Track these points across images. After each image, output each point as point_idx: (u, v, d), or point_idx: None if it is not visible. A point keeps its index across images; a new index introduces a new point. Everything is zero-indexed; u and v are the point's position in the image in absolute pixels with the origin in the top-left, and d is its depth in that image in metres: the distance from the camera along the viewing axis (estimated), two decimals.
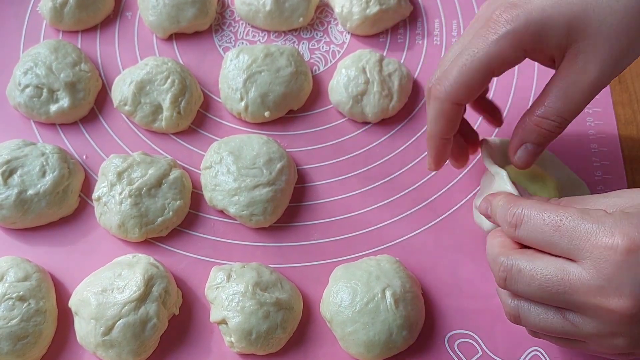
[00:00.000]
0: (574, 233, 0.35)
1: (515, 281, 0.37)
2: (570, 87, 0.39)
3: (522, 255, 0.37)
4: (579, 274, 0.35)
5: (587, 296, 0.34)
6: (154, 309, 0.46)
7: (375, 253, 0.52)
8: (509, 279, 0.37)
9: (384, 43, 0.63)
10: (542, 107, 0.41)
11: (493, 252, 0.39)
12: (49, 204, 0.51)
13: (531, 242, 0.37)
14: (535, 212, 0.37)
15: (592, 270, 0.34)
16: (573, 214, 0.36)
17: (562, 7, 0.38)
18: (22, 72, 0.56)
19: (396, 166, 0.56)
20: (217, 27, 0.64)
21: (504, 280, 0.38)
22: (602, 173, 0.55)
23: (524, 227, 0.37)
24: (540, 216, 0.37)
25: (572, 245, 0.35)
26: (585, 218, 0.35)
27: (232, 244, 0.53)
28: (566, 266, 0.35)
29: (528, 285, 0.36)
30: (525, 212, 0.37)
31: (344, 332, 0.46)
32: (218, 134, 0.58)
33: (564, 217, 0.36)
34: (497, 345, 0.48)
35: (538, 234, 0.37)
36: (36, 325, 0.46)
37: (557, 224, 0.36)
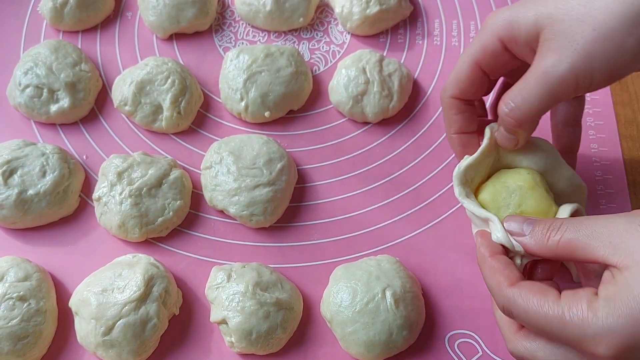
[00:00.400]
0: (580, 342, 0.34)
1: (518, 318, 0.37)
2: (528, 73, 0.40)
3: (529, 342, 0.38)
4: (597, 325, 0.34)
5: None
6: (154, 309, 0.46)
7: (375, 253, 0.52)
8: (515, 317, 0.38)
9: (384, 43, 0.63)
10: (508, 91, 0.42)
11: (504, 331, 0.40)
12: (49, 204, 0.51)
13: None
14: (521, 313, 0.36)
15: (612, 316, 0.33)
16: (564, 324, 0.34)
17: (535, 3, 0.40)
18: (23, 72, 0.56)
19: (396, 166, 0.56)
20: (217, 27, 0.64)
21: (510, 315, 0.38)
22: (602, 173, 0.55)
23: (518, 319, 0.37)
24: (526, 318, 0.36)
25: (568, 344, 0.35)
26: (572, 327, 0.34)
27: (232, 244, 0.53)
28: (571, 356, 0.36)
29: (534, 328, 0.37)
30: (513, 311, 0.37)
31: (344, 332, 0.46)
32: (218, 134, 0.58)
33: (553, 328, 0.35)
34: (497, 345, 0.48)
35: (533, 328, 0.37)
36: (36, 325, 0.46)
37: (549, 333, 0.35)
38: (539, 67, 0.39)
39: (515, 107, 0.40)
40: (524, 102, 0.40)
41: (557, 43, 0.38)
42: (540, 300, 0.35)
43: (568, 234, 0.37)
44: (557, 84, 0.39)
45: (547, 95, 0.39)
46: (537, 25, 0.39)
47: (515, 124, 0.41)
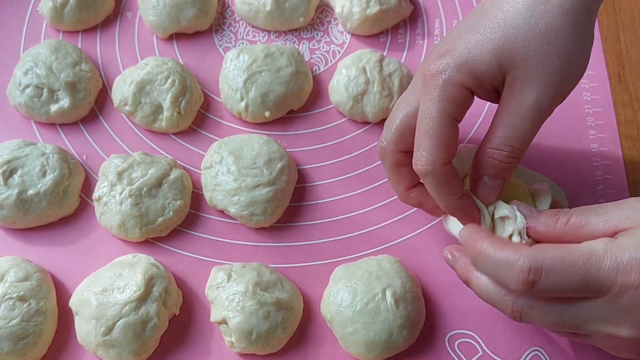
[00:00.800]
0: (598, 277, 0.35)
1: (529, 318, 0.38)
2: (512, 114, 0.40)
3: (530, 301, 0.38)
4: (589, 307, 0.36)
5: (598, 327, 0.36)
6: (155, 309, 0.46)
7: (375, 253, 0.52)
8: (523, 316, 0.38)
9: (384, 43, 0.63)
10: (492, 138, 0.41)
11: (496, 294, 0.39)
12: (49, 204, 0.51)
13: (554, 294, 0.36)
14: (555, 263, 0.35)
15: (606, 305, 0.35)
16: (594, 257, 0.35)
17: (484, 44, 0.40)
18: (23, 72, 0.56)
19: None
20: (217, 27, 0.64)
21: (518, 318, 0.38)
22: (602, 173, 0.55)
23: (544, 282, 0.35)
24: (562, 269, 0.35)
25: (596, 287, 0.35)
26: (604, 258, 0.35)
27: (233, 244, 0.53)
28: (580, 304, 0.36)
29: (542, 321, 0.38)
30: (543, 266, 0.35)
31: (344, 332, 0.46)
32: (218, 134, 0.58)
33: (587, 262, 0.35)
34: (498, 345, 0.48)
35: (562, 285, 0.35)
36: (36, 325, 0.46)
37: (584, 273, 0.35)
38: (523, 105, 0.39)
39: (514, 149, 0.40)
40: (520, 142, 0.40)
41: (532, 80, 0.39)
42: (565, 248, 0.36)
43: (576, 216, 0.38)
44: (545, 115, 0.40)
45: (537, 128, 0.40)
46: (501, 68, 0.40)
47: (515, 164, 0.41)
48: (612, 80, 0.60)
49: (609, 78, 0.60)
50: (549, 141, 0.56)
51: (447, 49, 0.40)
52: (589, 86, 0.59)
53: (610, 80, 0.60)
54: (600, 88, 0.59)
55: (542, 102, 0.39)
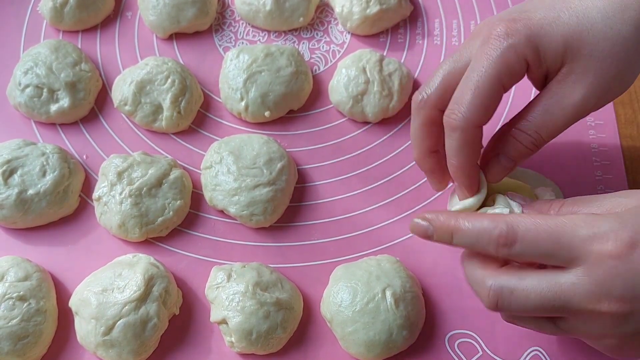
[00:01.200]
0: (572, 243, 0.35)
1: (508, 303, 0.37)
2: (555, 104, 0.40)
3: (510, 275, 0.37)
4: (571, 283, 0.35)
5: (579, 303, 0.35)
6: (155, 308, 0.46)
7: (375, 253, 0.52)
8: (500, 301, 0.37)
9: (384, 43, 0.63)
10: (522, 120, 0.41)
11: (476, 275, 0.39)
12: (49, 203, 0.51)
13: (526, 258, 0.37)
14: (528, 226, 0.36)
15: (585, 277, 0.35)
16: (568, 224, 0.36)
17: (559, 25, 0.39)
18: (23, 72, 0.56)
19: (396, 166, 0.56)
20: (217, 27, 0.64)
21: (495, 304, 0.37)
22: (602, 173, 0.55)
23: (520, 245, 0.36)
24: (535, 231, 0.36)
25: (570, 254, 0.35)
26: (580, 224, 0.35)
27: (233, 243, 0.53)
28: (558, 278, 0.36)
29: (523, 305, 0.37)
30: (518, 229, 0.36)
31: (344, 332, 0.46)
32: (218, 134, 0.58)
33: (560, 225, 0.36)
34: (498, 345, 0.48)
35: (534, 248, 0.36)
36: (36, 325, 0.46)
37: (556, 237, 0.35)
38: (568, 99, 0.39)
39: (540, 138, 0.40)
40: (548, 133, 0.40)
41: (586, 78, 0.39)
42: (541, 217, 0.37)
43: (569, 204, 0.39)
44: (581, 116, 0.40)
45: (568, 126, 0.40)
46: (564, 55, 0.39)
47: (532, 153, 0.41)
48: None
49: None
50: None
51: (520, 17, 0.39)
52: None
53: None
54: None
55: (587, 103, 0.39)
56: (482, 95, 0.39)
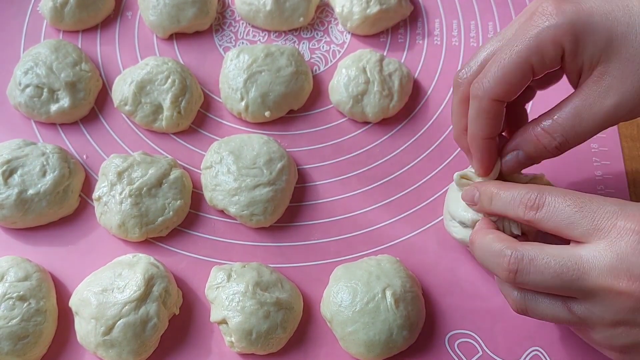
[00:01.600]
0: (596, 214, 0.36)
1: (527, 272, 0.37)
2: (586, 108, 0.38)
3: (530, 246, 0.37)
4: (592, 256, 0.35)
5: (598, 278, 0.35)
6: (155, 308, 0.46)
7: (375, 253, 0.52)
8: (520, 270, 0.37)
9: (385, 43, 0.63)
10: (549, 120, 0.40)
11: (494, 248, 0.39)
12: (49, 203, 0.51)
13: (550, 224, 0.37)
14: (558, 195, 0.37)
15: (607, 250, 0.35)
16: (596, 198, 0.36)
17: (609, 20, 0.37)
18: (23, 71, 0.56)
19: (396, 166, 0.56)
20: (217, 26, 0.64)
21: (514, 272, 0.37)
22: (602, 173, 0.55)
23: (545, 210, 0.37)
24: (562, 199, 0.37)
25: (593, 225, 0.35)
26: (607, 201, 0.36)
27: (233, 243, 0.53)
28: (578, 251, 0.36)
29: (542, 274, 0.36)
30: (547, 196, 0.38)
31: (344, 332, 0.46)
32: (218, 134, 0.58)
33: (587, 200, 0.37)
34: (498, 345, 0.48)
35: (559, 214, 0.37)
36: (36, 325, 0.46)
37: (580, 206, 0.36)
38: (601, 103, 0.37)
39: (566, 142, 0.39)
40: (576, 138, 0.39)
41: (622, 84, 0.37)
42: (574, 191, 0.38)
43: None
44: (611, 124, 0.39)
45: (597, 133, 0.39)
46: (603, 52, 0.37)
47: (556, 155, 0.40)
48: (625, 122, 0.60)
49: None
50: None
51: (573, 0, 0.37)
52: None
53: None
54: None
55: (619, 111, 0.38)
56: (506, 69, 0.38)
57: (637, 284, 0.34)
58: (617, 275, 0.34)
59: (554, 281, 0.36)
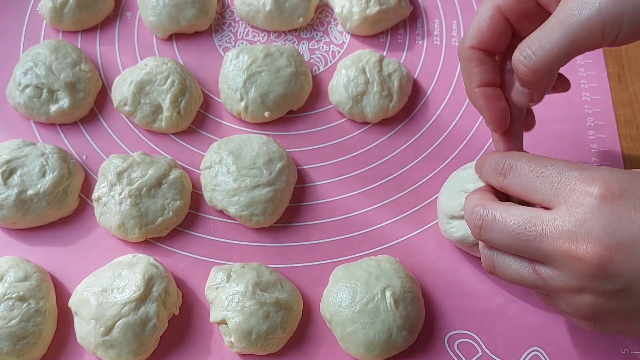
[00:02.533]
0: (556, 179, 0.36)
1: (489, 229, 0.38)
2: (550, 18, 0.37)
3: (498, 205, 0.38)
4: (552, 219, 0.35)
5: (556, 242, 0.35)
6: (154, 309, 0.46)
7: (375, 253, 0.52)
8: (483, 227, 0.38)
9: (384, 43, 0.63)
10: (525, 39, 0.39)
11: (470, 205, 0.40)
12: (49, 204, 0.51)
13: (516, 188, 0.39)
14: (524, 160, 0.39)
15: (566, 214, 0.35)
16: (559, 164, 0.37)
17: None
18: (22, 72, 0.56)
19: (396, 166, 0.56)
20: (217, 27, 0.64)
21: (479, 228, 0.38)
22: None
23: (512, 175, 0.39)
24: (527, 164, 0.38)
25: (553, 190, 0.36)
26: (570, 166, 0.36)
27: (232, 244, 0.53)
28: (540, 214, 0.36)
29: (501, 231, 0.37)
30: (515, 161, 0.39)
31: (343, 332, 0.46)
32: (218, 134, 0.58)
33: (549, 165, 0.37)
34: (497, 345, 0.48)
35: (523, 179, 0.38)
36: (36, 325, 0.46)
37: (542, 171, 0.37)
38: (562, 10, 0.36)
39: (532, 53, 0.38)
40: (542, 48, 0.37)
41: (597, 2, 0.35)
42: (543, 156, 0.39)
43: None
44: (581, 29, 0.36)
45: (569, 42, 0.36)
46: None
47: (531, 74, 0.38)
48: (612, 80, 0.60)
49: (608, 78, 0.60)
50: (549, 141, 0.56)
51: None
52: (588, 86, 0.59)
53: (610, 81, 0.60)
54: (600, 88, 0.59)
55: (582, 11, 0.35)
56: (479, 20, 0.41)
57: (595, 248, 0.33)
58: (575, 240, 0.34)
59: (512, 240, 0.37)
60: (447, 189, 0.50)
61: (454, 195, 0.49)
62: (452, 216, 0.48)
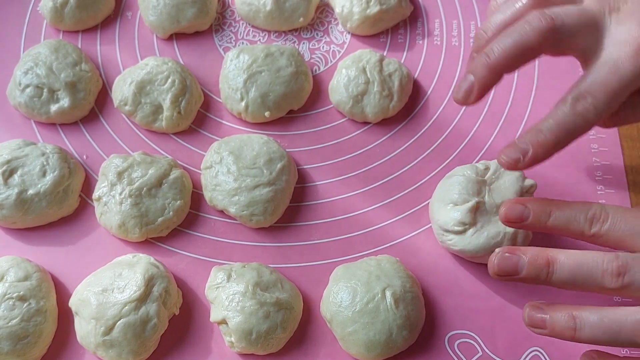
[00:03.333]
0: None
1: (633, 271, 0.37)
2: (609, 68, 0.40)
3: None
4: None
5: None
6: (155, 308, 0.46)
7: (375, 253, 0.52)
8: (627, 270, 0.37)
9: (385, 43, 0.63)
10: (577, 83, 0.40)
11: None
12: (49, 203, 0.51)
13: (617, 234, 0.38)
14: (616, 208, 0.39)
15: None
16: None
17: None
18: (23, 72, 0.56)
19: (396, 166, 0.56)
20: (217, 27, 0.64)
21: (622, 270, 0.37)
22: (602, 173, 0.55)
23: (610, 222, 0.39)
24: (622, 210, 0.39)
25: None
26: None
27: (232, 243, 0.53)
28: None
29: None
30: (608, 209, 0.39)
31: (344, 332, 0.46)
32: (218, 134, 0.58)
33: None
34: (497, 345, 0.48)
35: (624, 224, 0.38)
36: (36, 325, 0.46)
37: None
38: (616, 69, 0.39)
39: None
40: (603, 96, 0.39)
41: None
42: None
43: None
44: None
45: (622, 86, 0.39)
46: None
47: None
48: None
49: None
50: None
51: None
52: None
53: None
54: None
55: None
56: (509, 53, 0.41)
57: None
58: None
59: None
60: (437, 198, 0.50)
61: (444, 206, 0.49)
62: (446, 229, 0.48)
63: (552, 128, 0.40)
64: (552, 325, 0.38)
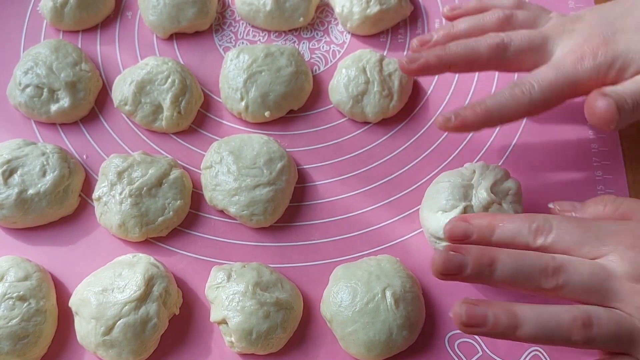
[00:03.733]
0: (600, 232, 0.39)
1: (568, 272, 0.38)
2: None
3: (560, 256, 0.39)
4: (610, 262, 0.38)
5: (621, 281, 0.37)
6: (155, 308, 0.46)
7: (375, 253, 0.52)
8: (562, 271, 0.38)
9: (385, 43, 0.63)
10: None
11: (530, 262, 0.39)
12: (49, 203, 0.51)
13: (562, 245, 0.40)
14: (560, 219, 0.41)
15: (619, 260, 0.38)
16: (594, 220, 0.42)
17: None
18: (23, 71, 0.56)
19: (396, 166, 0.56)
20: (217, 26, 0.64)
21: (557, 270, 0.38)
22: (602, 173, 0.55)
23: (555, 233, 0.40)
24: (566, 222, 0.40)
25: (599, 242, 0.38)
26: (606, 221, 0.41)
27: (233, 243, 0.53)
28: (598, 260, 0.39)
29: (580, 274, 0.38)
30: (551, 220, 0.40)
31: (344, 332, 0.46)
32: (218, 134, 0.58)
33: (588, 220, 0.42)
34: (497, 345, 0.48)
35: (568, 235, 0.39)
36: (36, 325, 0.46)
37: (585, 226, 0.40)
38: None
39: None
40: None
41: None
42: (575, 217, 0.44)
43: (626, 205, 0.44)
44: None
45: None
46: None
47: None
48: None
49: None
50: (549, 142, 0.56)
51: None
52: None
53: None
54: None
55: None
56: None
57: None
58: (634, 278, 0.37)
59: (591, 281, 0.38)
60: (426, 205, 0.50)
61: (433, 214, 0.49)
62: (438, 237, 0.48)
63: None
64: (495, 322, 0.37)
